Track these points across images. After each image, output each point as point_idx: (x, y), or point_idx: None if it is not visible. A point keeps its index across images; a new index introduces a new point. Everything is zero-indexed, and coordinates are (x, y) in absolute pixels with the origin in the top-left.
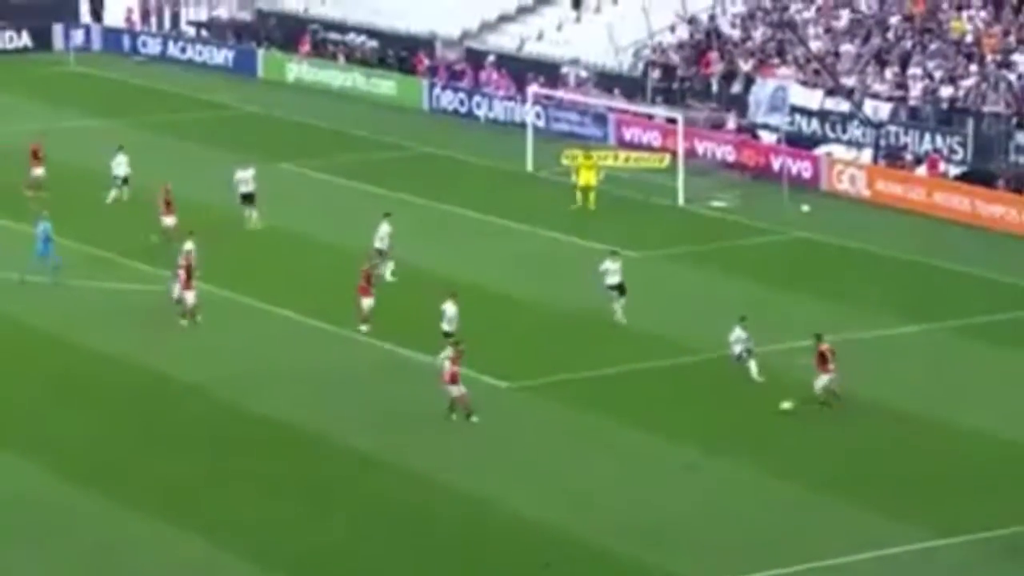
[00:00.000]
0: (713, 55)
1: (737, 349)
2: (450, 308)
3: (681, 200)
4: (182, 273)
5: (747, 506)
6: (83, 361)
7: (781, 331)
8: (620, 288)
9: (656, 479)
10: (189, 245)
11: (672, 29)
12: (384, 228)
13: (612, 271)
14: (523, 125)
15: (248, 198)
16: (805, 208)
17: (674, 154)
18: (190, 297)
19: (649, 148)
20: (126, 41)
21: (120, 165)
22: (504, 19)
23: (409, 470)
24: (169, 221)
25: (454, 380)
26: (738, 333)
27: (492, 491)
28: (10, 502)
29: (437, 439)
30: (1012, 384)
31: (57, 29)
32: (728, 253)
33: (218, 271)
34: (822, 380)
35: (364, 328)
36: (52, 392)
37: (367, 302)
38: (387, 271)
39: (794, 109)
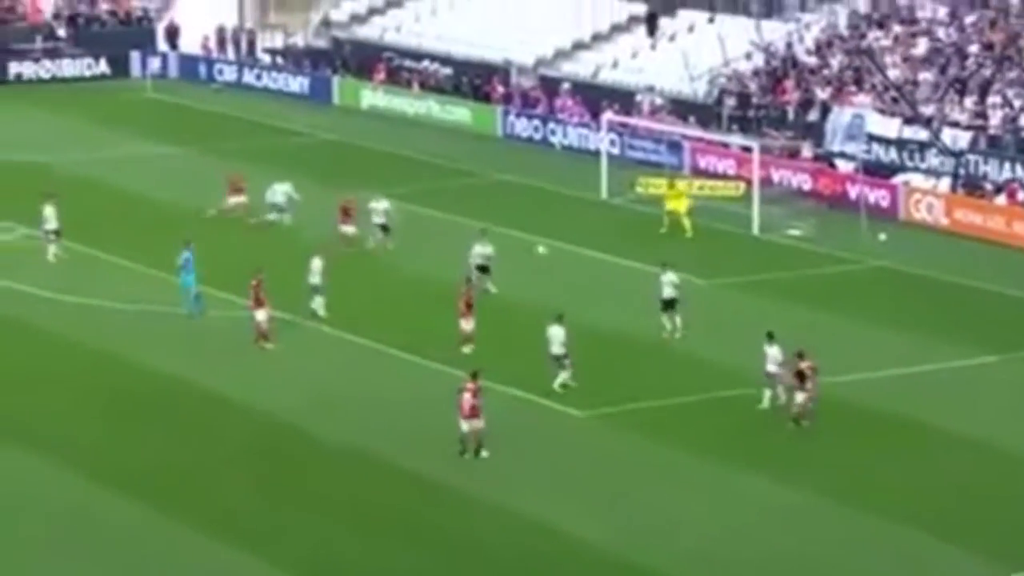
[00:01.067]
0: (789, 83)
1: (772, 369)
2: (557, 331)
3: (756, 229)
4: (253, 296)
5: (828, 541)
6: (158, 383)
7: (857, 363)
8: (671, 304)
9: (729, 511)
10: (260, 275)
11: (748, 56)
12: (479, 248)
13: (667, 284)
14: (597, 153)
15: (381, 226)
16: (882, 237)
17: (749, 183)
18: (261, 318)
19: (724, 176)
20: (202, 68)
21: (276, 193)
22: (579, 46)
23: (478, 499)
24: (349, 230)
25: (475, 414)
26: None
27: (563, 521)
28: (65, 514)
29: (507, 468)
30: None
31: (134, 56)
32: (803, 283)
33: (297, 297)
34: (799, 397)
35: (466, 350)
36: (120, 413)
37: (467, 324)
38: (489, 285)
39: (871, 137)
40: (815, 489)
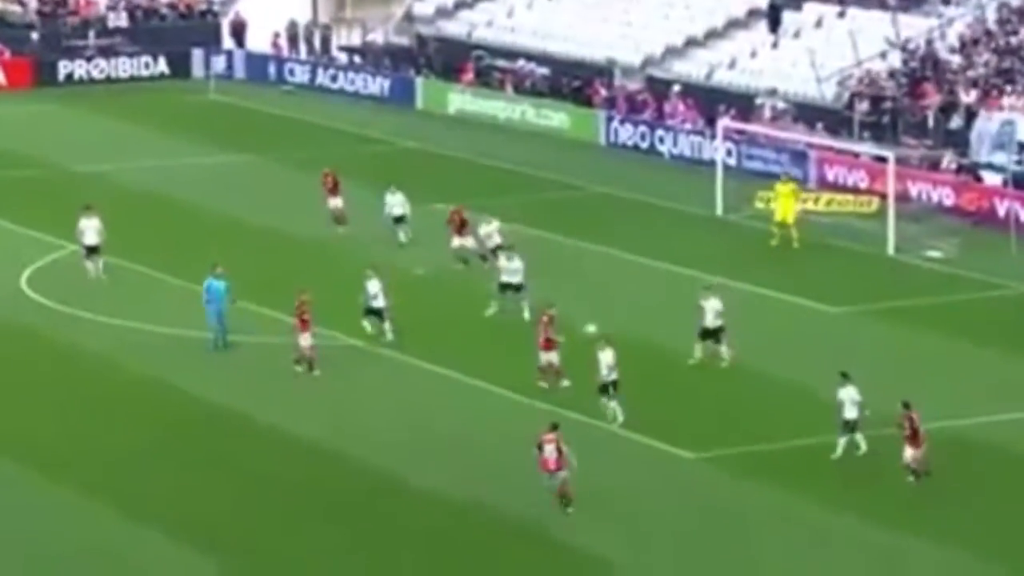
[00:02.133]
0: (930, 85)
1: (852, 414)
2: (607, 355)
3: (891, 249)
4: (298, 318)
5: None
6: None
7: (1007, 401)
8: (715, 333)
9: (846, 563)
10: (306, 296)
11: (883, 55)
12: (503, 263)
13: (710, 310)
14: (712, 163)
15: (494, 250)
16: None
17: (884, 197)
18: (304, 343)
19: (855, 190)
20: (271, 68)
21: (397, 205)
22: (691, 44)
23: (569, 547)
24: (466, 242)
25: (559, 468)
26: (848, 393)
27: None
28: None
29: (603, 515)
30: None
31: (197, 55)
32: (944, 310)
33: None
34: (914, 452)
35: (544, 384)
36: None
37: (547, 356)
38: (524, 308)
39: (1023, 146)
40: (939, 536)
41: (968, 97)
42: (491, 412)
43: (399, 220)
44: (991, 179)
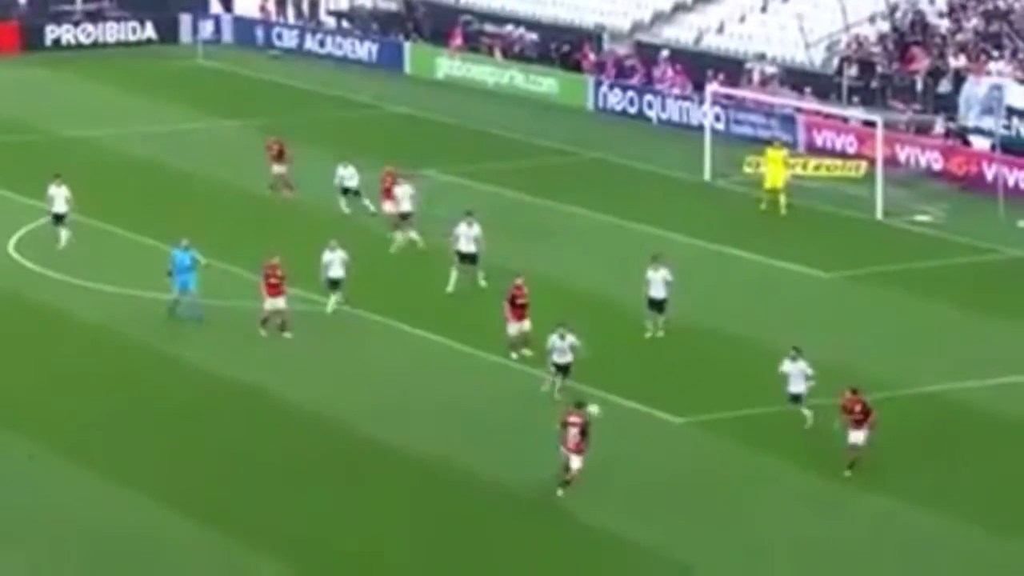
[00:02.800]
0: (918, 50)
1: (799, 388)
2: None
3: (879, 214)
4: (268, 281)
5: (946, 562)
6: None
7: (993, 366)
8: (660, 305)
9: (840, 528)
10: (275, 259)
11: (871, 20)
12: (463, 228)
13: (657, 281)
14: (700, 128)
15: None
16: (1023, 224)
17: (872, 162)
18: (270, 305)
19: (843, 155)
20: (259, 33)
21: (348, 178)
22: (680, 8)
23: (562, 513)
24: (390, 208)
25: (580, 450)
26: (791, 367)
27: (659, 540)
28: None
29: (599, 480)
30: None
31: (184, 20)
32: (932, 275)
33: (358, 288)
34: (860, 436)
35: (514, 356)
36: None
37: (514, 327)
38: (479, 277)
39: (1011, 111)
40: (947, 509)
41: (956, 62)
42: (473, 374)
43: (348, 192)
44: (979, 143)
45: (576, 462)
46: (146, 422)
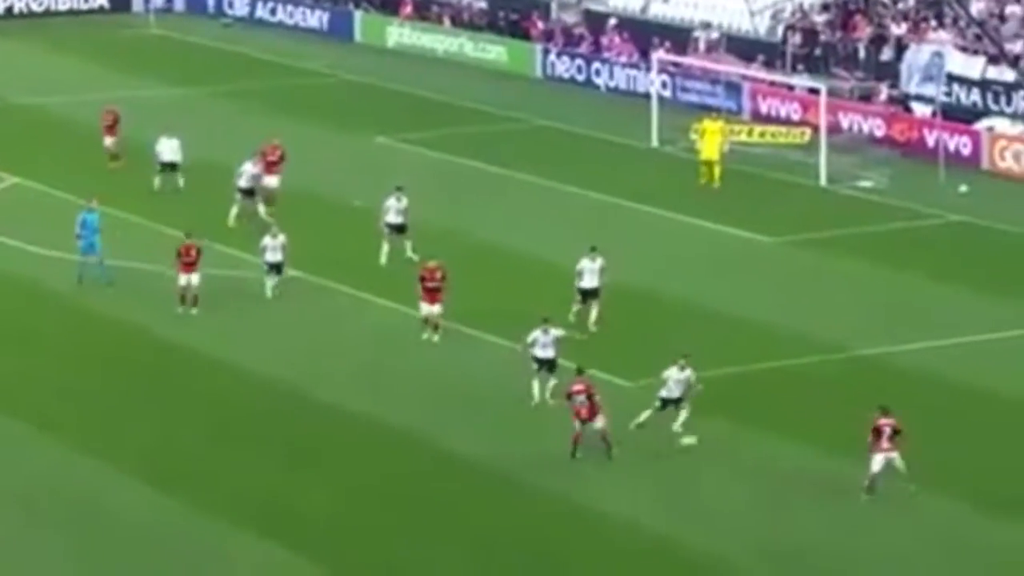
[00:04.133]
0: (861, 18)
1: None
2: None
3: (823, 180)
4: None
5: (894, 525)
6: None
7: (934, 328)
8: (593, 294)
9: (788, 493)
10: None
11: None
12: (392, 202)
13: (590, 271)
14: (647, 95)
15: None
16: (963, 189)
17: (816, 128)
18: (184, 280)
19: (788, 122)
20: (211, 2)
21: (169, 151)
22: None
23: (520, 482)
24: (271, 182)
25: (595, 414)
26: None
27: (613, 502)
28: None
29: (559, 451)
30: None
31: None
32: (875, 239)
33: (304, 258)
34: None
35: (424, 336)
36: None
37: (425, 308)
38: (408, 248)
39: (952, 78)
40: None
41: (899, 30)
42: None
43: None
44: (921, 110)
45: (600, 422)
46: (111, 393)
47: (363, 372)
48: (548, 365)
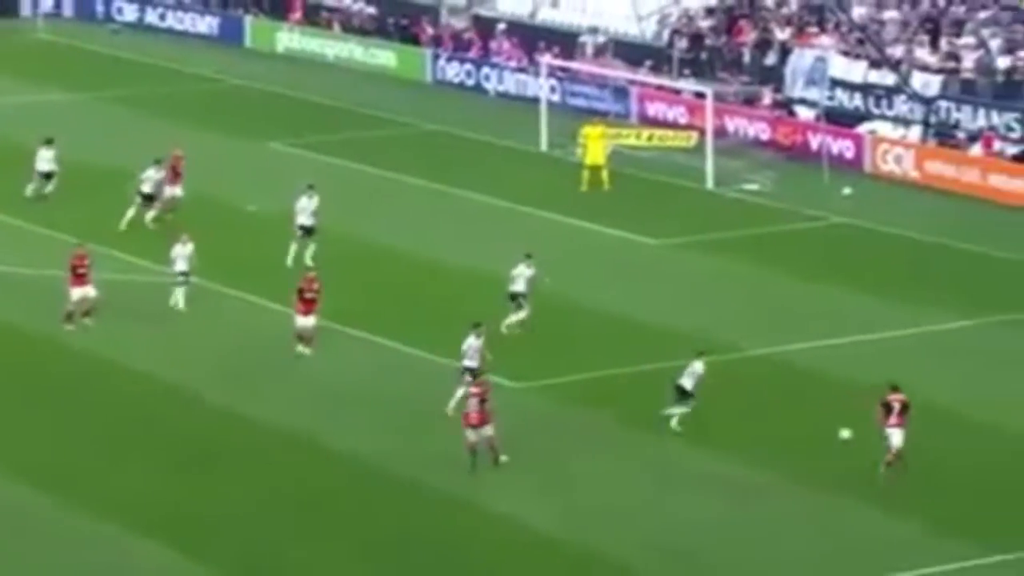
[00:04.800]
0: (746, 22)
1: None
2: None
3: (710, 183)
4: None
5: (774, 519)
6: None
7: (819, 328)
8: (521, 297)
9: (677, 489)
10: (82, 251)
11: None
12: (304, 201)
13: (519, 277)
14: (536, 99)
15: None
16: (847, 191)
17: (702, 132)
18: (79, 294)
19: (675, 125)
20: (100, 7)
21: (44, 160)
22: None
23: (409, 482)
24: (176, 192)
25: (484, 421)
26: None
27: (507, 506)
28: None
29: (442, 447)
30: None
31: None
32: (761, 241)
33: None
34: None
35: (306, 350)
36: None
37: (300, 320)
38: (308, 254)
39: (835, 82)
40: (762, 462)
41: (782, 34)
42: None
43: (47, 176)
44: (805, 114)
45: (488, 431)
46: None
47: (253, 375)
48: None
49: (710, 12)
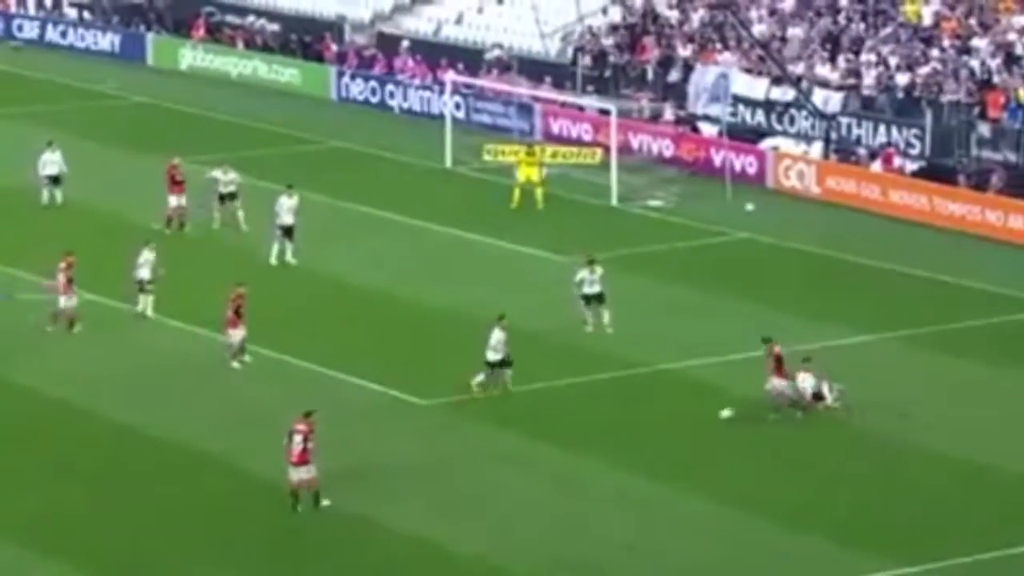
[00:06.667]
0: (649, 40)
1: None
2: (497, 333)
3: (614, 199)
4: (62, 278)
5: (687, 534)
6: None
7: (721, 343)
8: (598, 298)
9: (586, 505)
10: (71, 258)
11: (604, 11)
12: (284, 200)
13: (589, 281)
14: (441, 116)
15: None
16: (749, 207)
17: (607, 149)
18: (66, 303)
19: (579, 142)
20: (0, 24)
21: (51, 164)
22: (419, 1)
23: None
24: (177, 201)
25: (304, 460)
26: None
27: (406, 521)
28: None
29: (348, 464)
30: (973, 400)
31: None
32: (665, 257)
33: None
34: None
35: (236, 364)
36: None
37: (237, 334)
38: (289, 252)
39: (737, 99)
40: (672, 477)
41: (685, 51)
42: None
43: (54, 180)
44: (708, 130)
45: (305, 472)
46: None
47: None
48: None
49: (614, 29)
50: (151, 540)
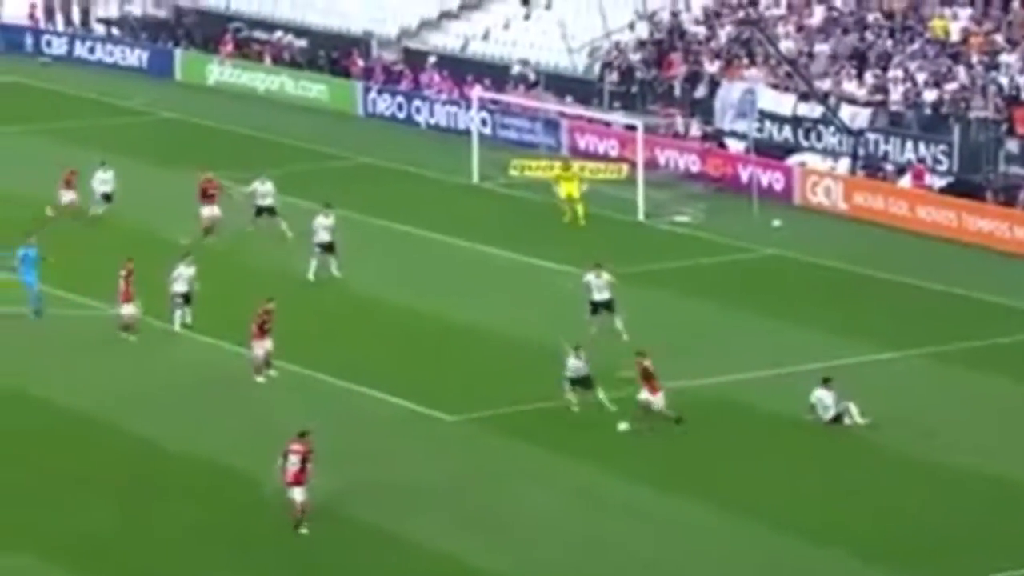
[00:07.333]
0: (676, 56)
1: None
2: (572, 361)
3: (640, 215)
4: (123, 285)
5: (712, 551)
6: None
7: (747, 359)
8: (607, 305)
9: (610, 522)
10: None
11: (631, 27)
12: (321, 219)
13: (596, 286)
14: (468, 132)
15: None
16: (776, 223)
17: (633, 164)
18: (127, 311)
19: (606, 158)
20: (29, 40)
21: (104, 183)
22: (446, 16)
23: (341, 516)
24: (211, 212)
25: (299, 481)
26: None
27: (432, 536)
28: None
29: (373, 479)
30: (1000, 417)
31: None
32: (691, 273)
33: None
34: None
35: (260, 378)
36: None
37: (261, 348)
38: (333, 267)
39: (764, 115)
40: (689, 493)
41: (712, 67)
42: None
43: (107, 198)
44: (734, 146)
45: (299, 494)
46: None
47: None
48: (583, 384)
49: (641, 45)
50: (174, 554)
